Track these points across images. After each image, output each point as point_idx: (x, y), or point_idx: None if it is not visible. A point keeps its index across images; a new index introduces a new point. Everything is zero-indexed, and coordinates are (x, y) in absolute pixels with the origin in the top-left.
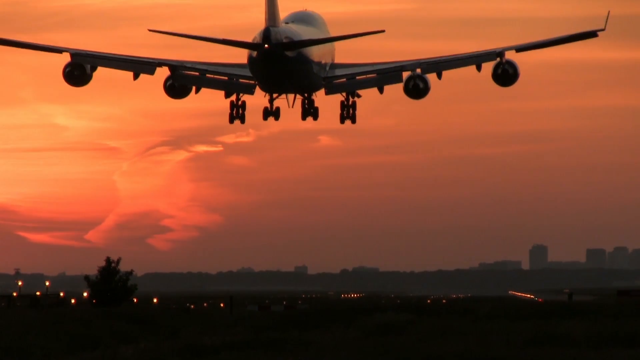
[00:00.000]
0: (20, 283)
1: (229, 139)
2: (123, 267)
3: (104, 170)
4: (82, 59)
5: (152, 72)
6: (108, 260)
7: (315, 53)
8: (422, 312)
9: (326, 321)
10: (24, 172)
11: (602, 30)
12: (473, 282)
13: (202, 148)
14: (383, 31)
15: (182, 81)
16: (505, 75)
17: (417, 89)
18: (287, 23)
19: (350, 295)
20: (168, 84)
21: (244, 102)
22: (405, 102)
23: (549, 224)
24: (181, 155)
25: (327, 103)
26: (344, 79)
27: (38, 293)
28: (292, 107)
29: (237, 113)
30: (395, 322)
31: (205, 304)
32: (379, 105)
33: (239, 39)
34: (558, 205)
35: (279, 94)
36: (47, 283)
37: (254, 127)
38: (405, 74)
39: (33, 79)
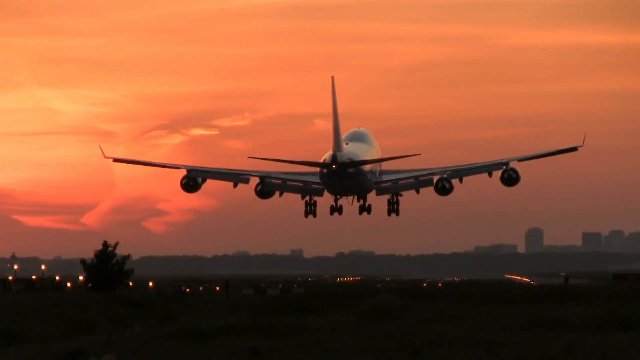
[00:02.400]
0: (16, 267)
1: (225, 122)
2: (119, 251)
3: (100, 154)
4: (195, 173)
5: (247, 182)
6: (105, 244)
7: (368, 167)
8: (418, 296)
9: (322, 305)
10: (20, 156)
11: (581, 146)
12: (469, 266)
13: (197, 132)
14: (419, 154)
15: (269, 188)
16: (510, 179)
17: (444, 189)
18: (346, 143)
19: (346, 279)
20: (258, 188)
21: (315, 201)
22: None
23: (544, 207)
24: (177, 138)
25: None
26: (390, 183)
27: (34, 277)
28: (352, 204)
29: (310, 209)
30: (392, 306)
31: (201, 288)
32: (375, 90)
33: (313, 160)
34: (554, 188)
35: (342, 196)
36: (43, 267)
37: (250, 111)
38: (435, 177)
39: (29, 63)
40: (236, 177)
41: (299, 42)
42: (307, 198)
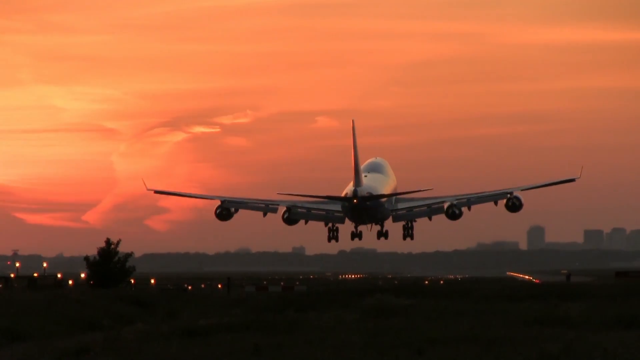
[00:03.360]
0: (17, 264)
1: (227, 120)
2: (121, 249)
3: (102, 152)
4: (229, 204)
5: (276, 211)
6: (108, 242)
7: (386, 198)
8: (420, 294)
9: (324, 302)
10: (22, 154)
11: (578, 177)
12: (471, 263)
13: (199, 129)
14: (431, 189)
15: (295, 216)
16: (514, 206)
17: (454, 215)
18: (365, 175)
19: (348, 276)
20: (285, 216)
21: (337, 228)
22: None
23: (546, 204)
24: (179, 136)
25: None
26: (405, 211)
27: (36, 274)
28: (370, 230)
29: (333, 235)
30: (394, 304)
31: (202, 285)
32: (376, 87)
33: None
34: (555, 186)
35: (362, 223)
36: (45, 264)
37: (252, 108)
38: (446, 204)
39: (31, 60)
40: (266, 207)
41: (300, 39)
42: (330, 225)
